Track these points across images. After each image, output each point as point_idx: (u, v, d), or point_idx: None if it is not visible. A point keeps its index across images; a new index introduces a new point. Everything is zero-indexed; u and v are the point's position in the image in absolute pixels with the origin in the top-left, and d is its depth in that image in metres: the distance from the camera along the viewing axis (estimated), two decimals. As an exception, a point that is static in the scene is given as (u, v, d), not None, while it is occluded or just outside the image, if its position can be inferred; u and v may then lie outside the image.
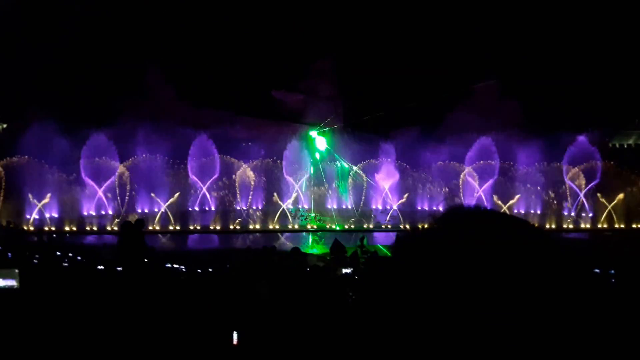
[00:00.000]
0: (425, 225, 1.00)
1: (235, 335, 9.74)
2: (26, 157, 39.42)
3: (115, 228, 36.61)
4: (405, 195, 43.54)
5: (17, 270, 10.97)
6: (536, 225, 0.96)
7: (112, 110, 45.12)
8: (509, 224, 0.89)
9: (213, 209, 43.14)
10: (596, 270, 16.55)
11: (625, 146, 50.82)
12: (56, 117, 39.05)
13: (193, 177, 42.80)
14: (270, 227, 41.15)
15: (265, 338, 9.81)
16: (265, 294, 11.92)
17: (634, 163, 43.17)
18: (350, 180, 45.30)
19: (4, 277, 10.64)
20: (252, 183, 43.32)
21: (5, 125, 49.99)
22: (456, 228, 0.88)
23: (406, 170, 45.09)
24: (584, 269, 0.90)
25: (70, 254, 19.16)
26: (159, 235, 38.12)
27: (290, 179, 43.50)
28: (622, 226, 41.82)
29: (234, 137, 47.33)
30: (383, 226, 41.22)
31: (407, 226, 40.75)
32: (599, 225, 42.24)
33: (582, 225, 42.67)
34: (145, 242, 15.57)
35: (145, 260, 15.48)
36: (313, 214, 42.57)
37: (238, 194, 43.18)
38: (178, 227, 40.16)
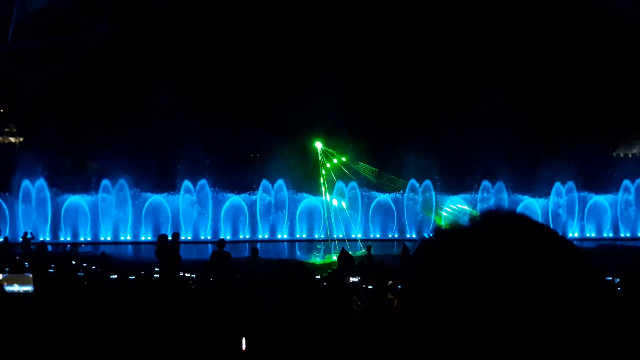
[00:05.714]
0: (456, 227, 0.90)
1: (244, 341, 9.84)
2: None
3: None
4: None
5: (31, 275, 11.26)
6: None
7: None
8: (547, 234, 0.86)
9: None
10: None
11: (630, 155, 50.82)
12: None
13: None
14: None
15: (274, 346, 9.90)
16: (272, 303, 12.01)
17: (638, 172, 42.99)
18: None
19: (20, 283, 10.91)
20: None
21: (22, 139, 50.33)
22: (495, 234, 0.84)
23: None
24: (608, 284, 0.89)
25: (85, 264, 19.58)
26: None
27: None
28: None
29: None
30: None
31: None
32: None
33: None
34: (179, 254, 16.77)
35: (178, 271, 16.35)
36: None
37: None
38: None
